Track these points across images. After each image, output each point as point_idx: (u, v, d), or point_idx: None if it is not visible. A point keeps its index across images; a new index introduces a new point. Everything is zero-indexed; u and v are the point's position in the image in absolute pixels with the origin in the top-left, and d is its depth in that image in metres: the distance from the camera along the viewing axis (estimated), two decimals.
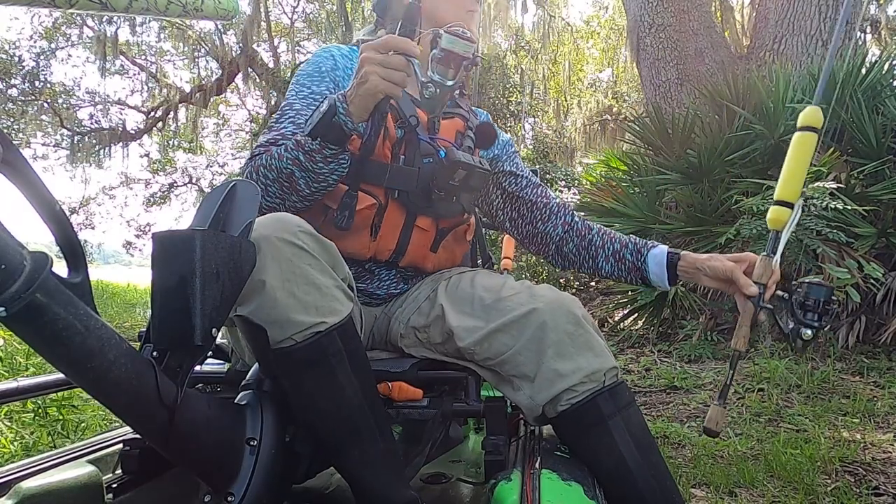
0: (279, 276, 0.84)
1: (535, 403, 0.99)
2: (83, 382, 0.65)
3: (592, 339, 1.00)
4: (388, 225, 1.13)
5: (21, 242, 0.55)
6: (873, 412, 2.67)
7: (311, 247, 0.88)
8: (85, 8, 0.70)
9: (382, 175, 1.09)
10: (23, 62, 13.00)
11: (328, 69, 1.19)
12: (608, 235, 1.29)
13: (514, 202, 1.34)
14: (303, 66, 1.23)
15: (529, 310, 1.00)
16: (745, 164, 4.27)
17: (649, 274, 1.22)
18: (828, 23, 5.21)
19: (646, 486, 0.95)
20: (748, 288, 1.09)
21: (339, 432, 0.90)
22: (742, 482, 1.99)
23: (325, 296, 0.87)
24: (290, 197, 1.05)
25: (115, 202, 17.43)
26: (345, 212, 1.07)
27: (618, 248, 1.26)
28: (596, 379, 0.97)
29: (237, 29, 12.00)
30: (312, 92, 1.17)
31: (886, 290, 3.51)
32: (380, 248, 1.14)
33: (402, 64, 0.94)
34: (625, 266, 1.25)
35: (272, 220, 0.88)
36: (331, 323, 0.86)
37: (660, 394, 3.23)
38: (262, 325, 0.84)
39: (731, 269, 1.12)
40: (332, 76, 1.19)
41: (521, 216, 1.35)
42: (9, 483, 0.86)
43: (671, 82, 5.75)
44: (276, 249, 0.85)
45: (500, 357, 1.01)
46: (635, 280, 1.25)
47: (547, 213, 1.32)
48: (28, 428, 2.28)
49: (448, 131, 1.21)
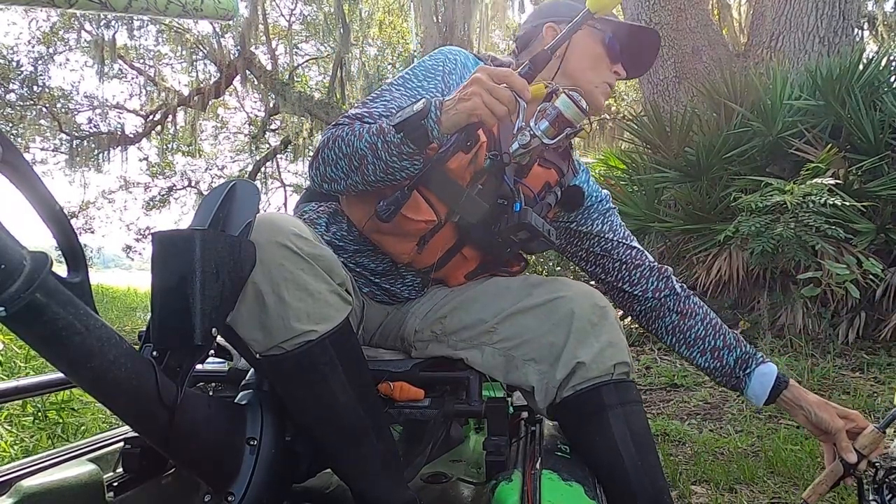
0: (269, 281, 0.83)
1: (549, 387, 1.00)
2: (83, 382, 0.65)
3: (613, 332, 1.01)
4: (437, 243, 1.10)
5: (21, 242, 0.56)
6: (873, 408, 2.67)
7: (305, 251, 0.86)
8: (84, 7, 0.70)
9: (453, 196, 1.03)
10: (21, 67, 13.00)
11: (446, 71, 1.15)
12: (714, 328, 1.19)
13: (599, 260, 1.27)
14: (425, 58, 1.19)
15: (558, 296, 1.01)
16: (744, 162, 4.27)
17: (747, 388, 1.15)
18: (825, 20, 5.21)
19: (638, 483, 0.96)
20: (848, 453, 1.06)
21: (334, 436, 0.90)
22: (742, 479, 1.99)
23: (318, 302, 0.86)
24: (354, 177, 1.01)
25: (114, 206, 17.44)
26: (391, 206, 1.01)
27: (720, 346, 1.17)
28: (605, 368, 0.98)
29: (235, 32, 12.00)
30: (420, 86, 1.13)
31: (886, 286, 3.51)
32: (419, 260, 1.12)
33: (509, 100, 0.91)
34: (722, 368, 1.17)
35: (266, 222, 0.87)
36: (322, 331, 0.85)
37: (660, 392, 3.24)
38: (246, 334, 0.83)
39: (838, 428, 1.08)
40: (447, 79, 1.14)
41: (606, 273, 1.27)
42: (9, 481, 0.86)
43: (669, 81, 5.75)
44: (266, 253, 0.84)
45: (521, 339, 1.02)
46: (725, 384, 1.17)
47: (637, 277, 1.24)
48: (27, 431, 2.28)
49: (538, 179, 1.16)
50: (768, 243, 3.44)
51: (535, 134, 1.00)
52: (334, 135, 1.03)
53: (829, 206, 3.34)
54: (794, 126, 4.12)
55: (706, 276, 4.05)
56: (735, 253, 3.93)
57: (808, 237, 3.40)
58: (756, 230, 3.49)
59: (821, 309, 3.67)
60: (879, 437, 1.06)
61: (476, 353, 1.06)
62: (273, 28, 13.29)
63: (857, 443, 1.07)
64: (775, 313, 3.84)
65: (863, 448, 1.06)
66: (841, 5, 5.20)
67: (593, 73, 1.19)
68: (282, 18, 13.92)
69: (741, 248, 3.87)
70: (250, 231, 0.84)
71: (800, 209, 3.44)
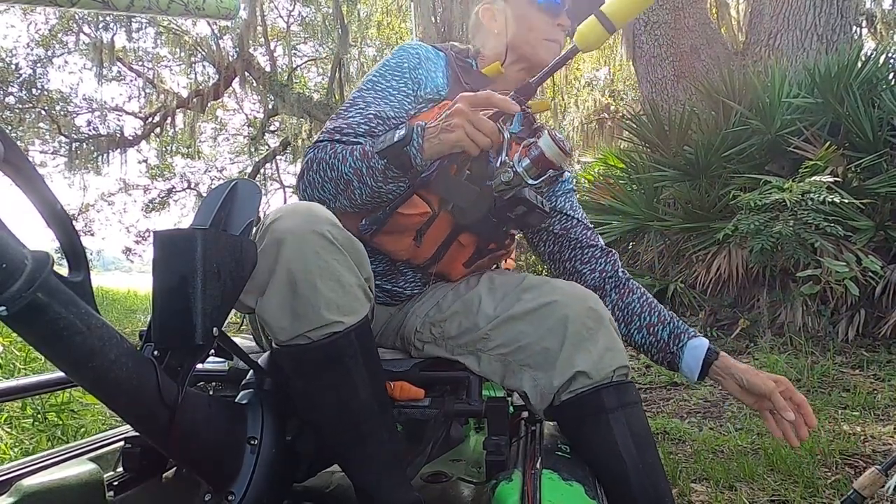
0: (304, 269, 0.83)
1: (546, 392, 0.99)
2: (84, 382, 0.66)
3: (609, 335, 1.00)
4: (433, 234, 1.11)
5: (22, 242, 0.56)
6: (873, 405, 2.67)
7: (341, 242, 0.86)
8: (86, 7, 0.70)
9: (443, 186, 1.04)
10: (20, 70, 13.00)
11: (410, 67, 1.16)
12: (649, 305, 1.21)
13: (558, 239, 1.29)
14: (388, 58, 1.20)
15: (551, 301, 1.00)
16: (742, 160, 4.28)
17: (681, 362, 1.15)
18: (823, 17, 5.22)
19: (638, 484, 0.95)
20: (786, 412, 1.05)
21: (347, 432, 0.89)
22: (742, 476, 1.99)
23: (348, 294, 0.86)
24: (342, 199, 1.03)
25: (114, 208, 17.47)
26: (373, 226, 1.05)
27: (655, 321, 1.19)
28: (605, 374, 0.97)
29: (233, 33, 12.01)
30: (390, 86, 1.14)
31: (885, 283, 3.51)
32: (419, 254, 1.12)
33: (492, 131, 0.93)
34: (657, 344, 1.18)
35: (304, 209, 0.87)
36: (349, 324, 0.85)
37: (660, 390, 3.24)
38: (273, 321, 0.83)
39: (772, 388, 1.06)
40: (414, 75, 1.16)
41: (561, 252, 1.29)
42: (10, 481, 0.86)
43: (667, 79, 5.76)
44: (303, 241, 0.83)
45: (516, 345, 1.01)
46: (661, 361, 1.19)
47: (588, 256, 1.27)
48: (27, 433, 2.28)
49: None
50: (767, 241, 3.44)
51: (517, 171, 1.00)
52: (317, 157, 1.04)
53: (828, 204, 3.34)
54: (793, 124, 4.12)
55: (706, 274, 4.06)
56: (734, 251, 3.94)
57: (808, 235, 3.40)
58: (755, 228, 3.49)
59: (820, 306, 3.67)
60: (880, 478, 1.05)
61: (473, 360, 1.06)
62: (271, 29, 13.30)
63: (856, 483, 1.05)
64: (775, 311, 3.85)
65: (862, 488, 1.04)
66: (839, 3, 5.21)
67: (534, 33, 1.21)
68: (280, 20, 13.93)
69: (740, 247, 3.88)
70: (251, 231, 0.84)
71: (799, 207, 3.45)
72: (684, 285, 4.20)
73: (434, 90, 1.17)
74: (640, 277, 4.45)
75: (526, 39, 1.22)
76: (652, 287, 4.28)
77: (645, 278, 4.38)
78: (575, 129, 12.08)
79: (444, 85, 1.18)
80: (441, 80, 1.19)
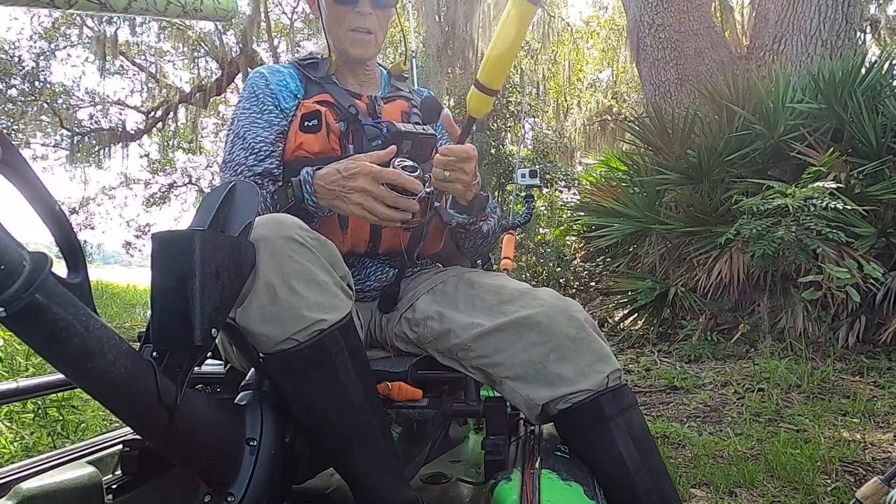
0: (279, 273, 0.84)
1: (533, 403, 0.99)
2: (83, 383, 0.65)
3: (595, 343, 1.00)
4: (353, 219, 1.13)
5: (21, 243, 0.55)
6: (873, 412, 2.67)
7: (311, 244, 0.88)
8: (84, 8, 0.70)
9: None
10: (22, 62, 12.99)
11: (261, 87, 1.22)
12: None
13: None
14: (243, 91, 1.26)
15: (530, 313, 1.00)
16: (745, 164, 4.27)
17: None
18: (827, 23, 5.21)
19: (644, 489, 0.95)
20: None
21: (341, 433, 0.89)
22: (742, 482, 1.99)
23: (326, 292, 0.87)
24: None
25: (114, 202, 17.39)
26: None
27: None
28: (599, 381, 0.97)
29: (237, 29, 11.99)
30: (257, 111, 1.20)
31: (886, 290, 3.51)
32: (355, 241, 1.16)
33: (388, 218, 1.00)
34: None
35: (270, 219, 0.89)
36: (332, 320, 0.86)
37: (660, 394, 3.23)
38: (257, 329, 0.83)
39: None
40: (267, 92, 1.21)
41: None
42: (9, 484, 0.86)
43: (671, 82, 5.75)
44: (275, 247, 0.85)
45: (495, 357, 1.00)
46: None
47: None
48: (28, 428, 2.28)
49: (392, 113, 1.24)
50: (769, 246, 3.44)
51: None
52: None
53: (831, 210, 3.34)
54: (796, 129, 4.11)
55: (707, 278, 4.05)
56: (736, 255, 3.93)
57: (809, 240, 3.40)
58: (757, 233, 3.49)
59: (821, 312, 3.67)
60: (882, 487, 1.03)
61: (457, 365, 1.06)
62: (275, 26, 13.30)
63: (860, 492, 1.04)
64: (776, 316, 3.84)
65: (864, 498, 1.03)
66: (844, 9, 5.20)
67: (340, 27, 1.23)
68: (284, 16, 13.93)
69: (742, 251, 3.87)
70: (250, 232, 0.84)
71: (801, 212, 3.44)
72: (685, 289, 4.19)
73: (291, 95, 1.22)
74: (641, 280, 4.44)
75: (335, 34, 1.25)
76: (653, 290, 4.28)
77: (646, 281, 4.37)
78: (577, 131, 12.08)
79: (298, 87, 1.24)
80: (294, 84, 1.24)
